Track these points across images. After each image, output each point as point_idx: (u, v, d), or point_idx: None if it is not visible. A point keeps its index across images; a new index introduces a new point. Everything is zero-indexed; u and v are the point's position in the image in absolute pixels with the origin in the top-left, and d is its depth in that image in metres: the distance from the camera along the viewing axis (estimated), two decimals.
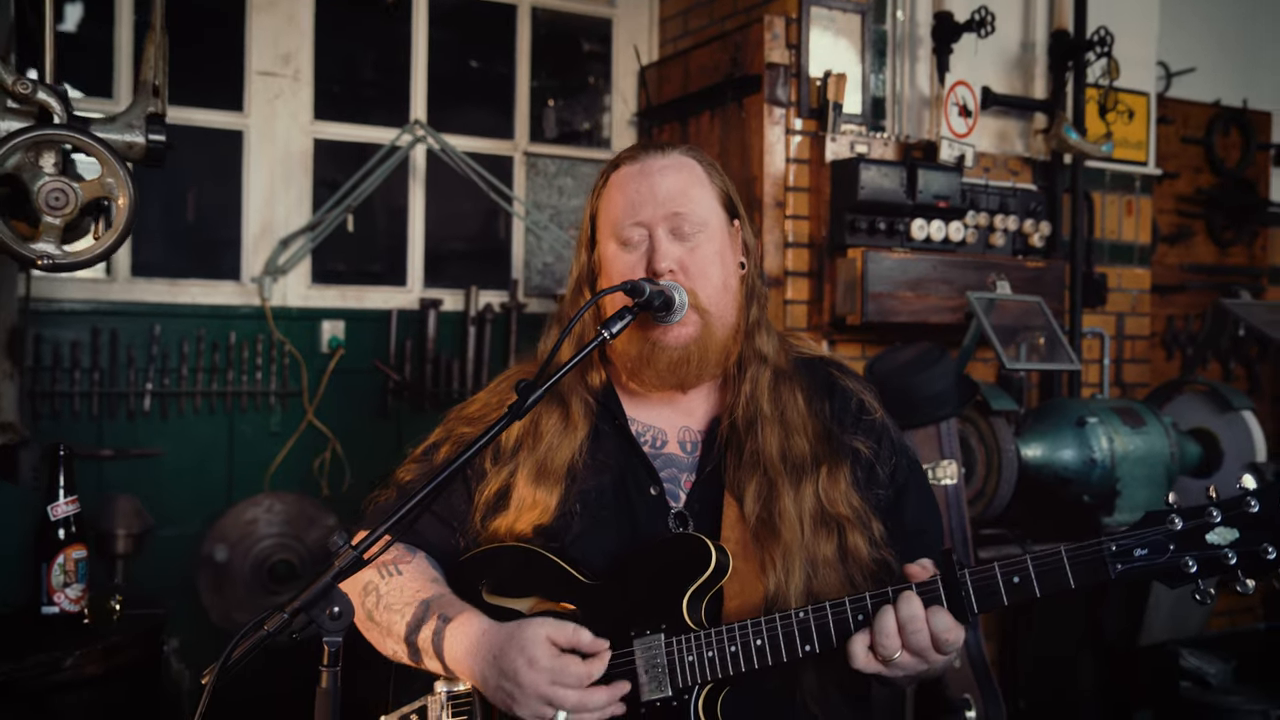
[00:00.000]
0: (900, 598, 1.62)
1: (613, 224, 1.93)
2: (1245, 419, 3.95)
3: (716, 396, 2.03)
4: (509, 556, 1.93)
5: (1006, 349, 3.78)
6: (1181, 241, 5.32)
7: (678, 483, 1.96)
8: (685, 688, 1.72)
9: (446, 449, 2.04)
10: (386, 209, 4.31)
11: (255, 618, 1.64)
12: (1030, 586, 1.58)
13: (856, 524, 1.88)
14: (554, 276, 4.47)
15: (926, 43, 4.03)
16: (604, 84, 4.67)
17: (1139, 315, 4.58)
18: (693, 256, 1.89)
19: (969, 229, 3.95)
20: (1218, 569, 1.50)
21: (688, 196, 1.91)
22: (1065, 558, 1.56)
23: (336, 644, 1.64)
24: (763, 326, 2.00)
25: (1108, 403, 3.71)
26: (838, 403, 2.00)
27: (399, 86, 4.26)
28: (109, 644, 2.15)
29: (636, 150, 1.98)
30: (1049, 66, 4.28)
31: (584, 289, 2.02)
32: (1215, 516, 1.50)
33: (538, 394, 1.72)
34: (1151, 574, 1.53)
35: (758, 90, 3.85)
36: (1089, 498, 3.58)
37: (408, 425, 4.17)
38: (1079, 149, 4.10)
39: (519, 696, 1.68)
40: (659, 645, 1.74)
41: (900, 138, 4.00)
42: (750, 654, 1.70)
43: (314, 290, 4.11)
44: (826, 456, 1.91)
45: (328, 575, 1.64)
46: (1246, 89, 5.45)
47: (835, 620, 1.67)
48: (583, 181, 4.52)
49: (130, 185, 2.04)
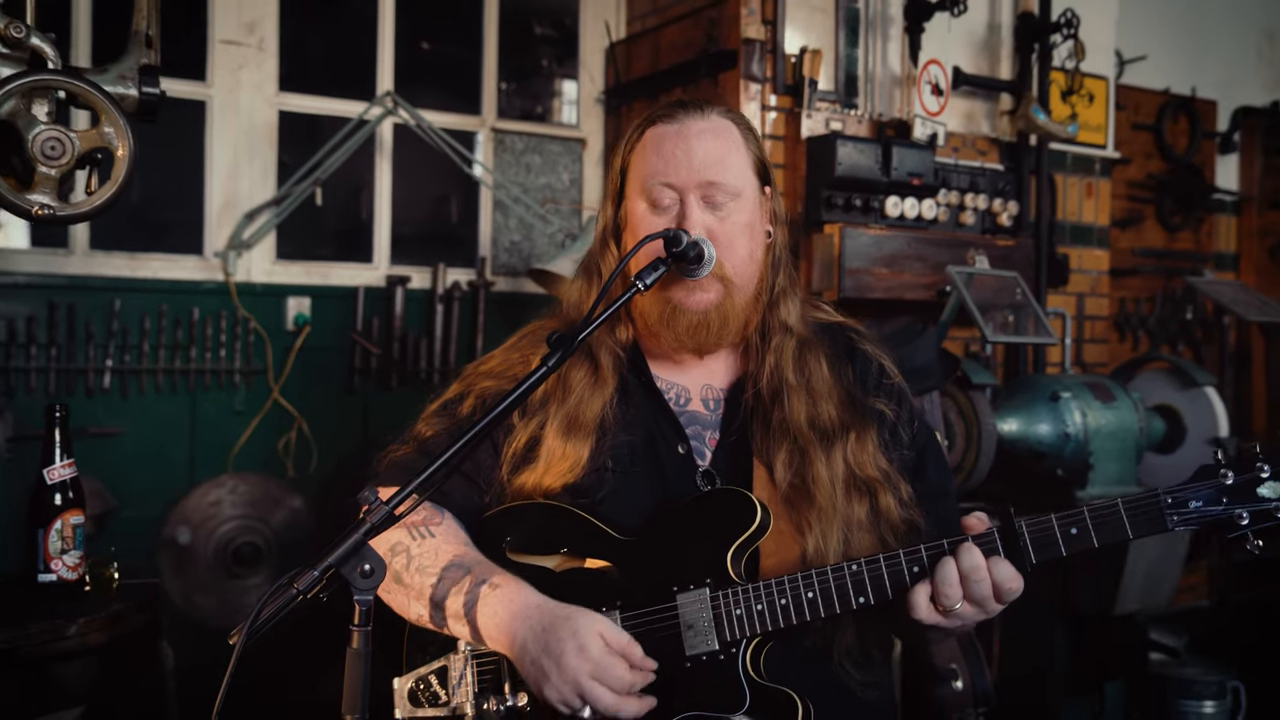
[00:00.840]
0: (961, 549, 1.62)
1: (643, 182, 1.89)
2: (1208, 395, 4.03)
3: (739, 359, 2.02)
4: (535, 513, 1.90)
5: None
6: (1133, 226, 5.42)
7: (703, 440, 1.94)
8: (733, 641, 1.71)
9: (470, 402, 1.99)
10: (352, 185, 4.22)
11: (285, 577, 1.59)
12: (1088, 537, 1.60)
13: (886, 486, 1.88)
14: (521, 254, 4.42)
15: (899, 21, 4.05)
16: (571, 61, 4.62)
17: (1098, 296, 4.65)
18: (723, 226, 1.86)
19: (941, 207, 3.98)
20: (1269, 520, 1.54)
21: (724, 164, 1.88)
22: (1123, 509, 1.58)
23: (368, 603, 1.60)
24: (787, 295, 1.99)
25: (1079, 378, 3.76)
26: (859, 367, 2.00)
27: (365, 60, 4.17)
28: (111, 612, 2.06)
29: (674, 109, 1.94)
30: (1015, 48, 4.32)
31: (609, 241, 2.00)
32: (1265, 471, 1.54)
33: (580, 339, 1.70)
34: (1206, 525, 1.56)
35: (734, 66, 3.84)
36: (1062, 471, 3.62)
37: (374, 404, 4.09)
38: (1046, 130, 4.15)
39: (554, 678, 1.64)
40: (704, 599, 1.72)
41: (873, 115, 4.01)
42: (802, 607, 1.69)
43: (279, 266, 4.00)
44: (853, 421, 1.91)
45: (360, 531, 1.59)
46: (1195, 78, 5.57)
47: (890, 572, 1.67)
48: (550, 159, 4.47)
49: (130, 136, 1.96)
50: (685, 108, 1.94)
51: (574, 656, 1.63)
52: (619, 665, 1.65)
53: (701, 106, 1.94)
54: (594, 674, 1.63)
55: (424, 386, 4.12)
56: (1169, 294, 5.47)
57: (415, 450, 2.02)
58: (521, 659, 1.69)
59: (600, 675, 1.63)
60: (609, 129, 4.56)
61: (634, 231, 1.92)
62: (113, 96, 1.95)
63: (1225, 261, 5.77)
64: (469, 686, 1.84)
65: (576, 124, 4.58)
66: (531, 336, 2.07)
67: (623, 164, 1.98)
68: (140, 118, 2.15)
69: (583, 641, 1.64)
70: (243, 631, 1.55)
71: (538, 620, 1.69)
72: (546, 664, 1.65)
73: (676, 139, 1.88)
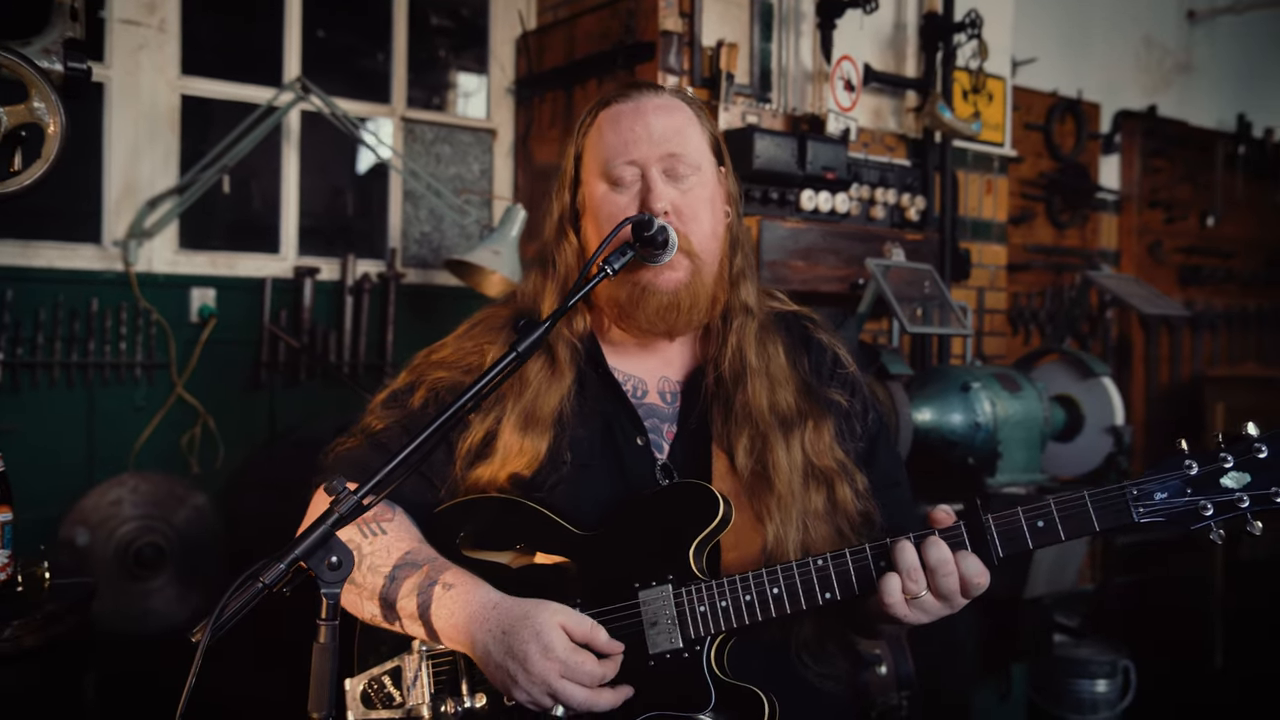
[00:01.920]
0: (927, 542, 1.62)
1: (602, 163, 1.87)
2: (1105, 385, 4.19)
3: (695, 347, 2.00)
4: (490, 507, 1.86)
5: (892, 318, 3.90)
6: (1024, 223, 5.59)
7: (660, 433, 1.93)
8: (697, 638, 1.69)
9: (422, 393, 1.94)
10: (258, 173, 4.08)
11: (249, 570, 1.52)
12: (1055, 530, 1.60)
13: (843, 476, 1.88)
14: (431, 246, 4.34)
15: (810, 17, 4.10)
16: (480, 51, 4.55)
17: (997, 290, 4.79)
18: (686, 199, 1.85)
19: (853, 201, 4.04)
20: (1230, 511, 1.54)
21: (683, 136, 1.87)
22: (1089, 501, 1.58)
23: (335, 596, 1.55)
24: (746, 277, 1.98)
25: (988, 370, 3.86)
26: (814, 356, 2.01)
27: (271, 46, 4.04)
28: (46, 614, 1.95)
29: (628, 89, 1.93)
30: (920, 47, 4.42)
31: (566, 229, 1.96)
32: (1228, 461, 1.54)
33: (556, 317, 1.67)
34: (1171, 516, 1.56)
35: (651, 58, 3.83)
36: (973, 460, 3.71)
37: (281, 398, 3.97)
38: (952, 127, 4.25)
39: (522, 681, 1.60)
40: (667, 596, 1.70)
41: (787, 110, 4.05)
42: (767, 603, 1.68)
43: (182, 256, 3.86)
44: (811, 410, 1.91)
45: (327, 522, 1.54)
46: (1081, 80, 5.77)
47: (856, 567, 1.66)
48: (460, 149, 4.40)
49: (62, 112, 1.86)
50: (638, 88, 1.93)
51: (540, 658, 1.60)
52: (587, 660, 1.62)
53: (654, 86, 1.94)
54: (563, 673, 1.60)
55: (333, 380, 4.02)
56: (1058, 289, 5.66)
57: (365, 443, 1.96)
58: (485, 663, 1.66)
59: (570, 674, 1.60)
60: (520, 119, 4.51)
61: (594, 214, 1.89)
62: (44, 71, 1.85)
63: (1108, 258, 6.00)
64: (424, 687, 1.80)
65: (487, 114, 4.52)
66: (484, 325, 2.02)
67: (577, 150, 1.95)
68: (66, 94, 2.05)
69: (547, 641, 1.60)
70: (206, 629, 1.49)
71: (495, 622, 1.65)
72: (512, 667, 1.61)
73: (634, 116, 1.87)
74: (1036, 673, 4.21)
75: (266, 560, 1.52)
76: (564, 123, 4.24)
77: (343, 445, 1.99)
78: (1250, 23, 6.67)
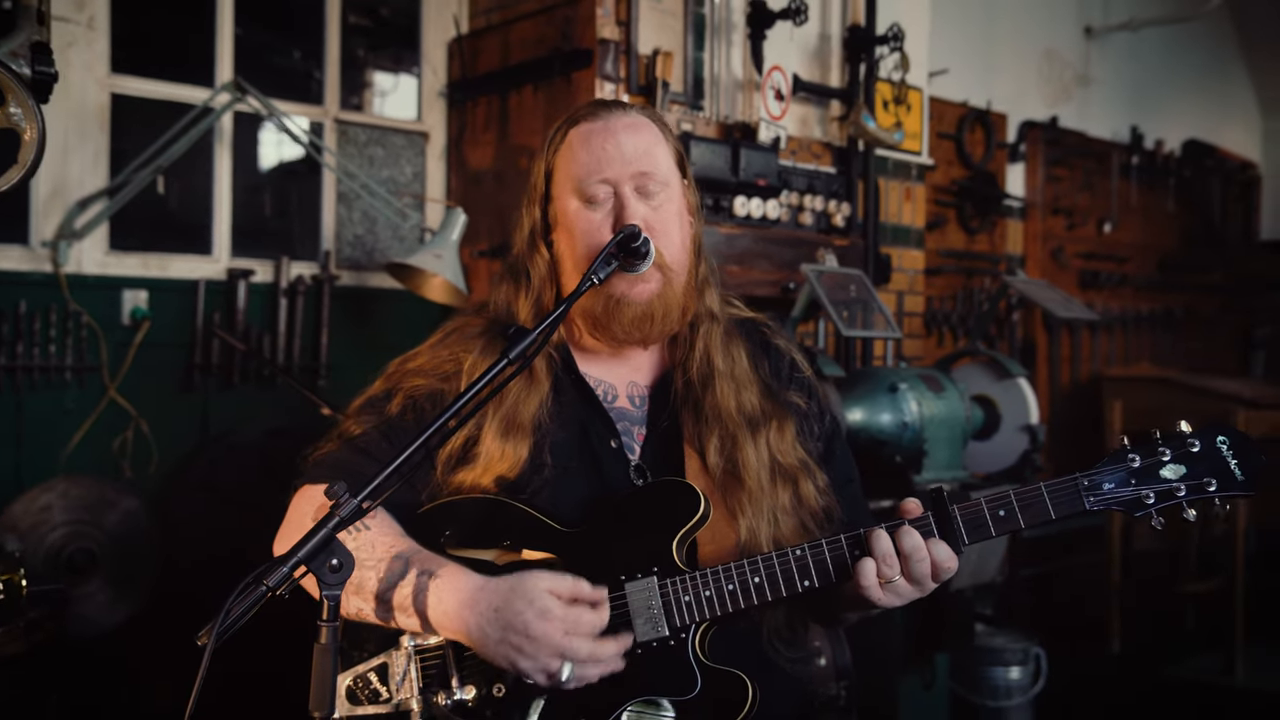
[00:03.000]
0: (900, 531, 1.72)
1: (576, 180, 1.94)
2: (1020, 385, 4.38)
3: (663, 353, 2.09)
4: (472, 508, 1.91)
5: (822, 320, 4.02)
6: (937, 228, 5.79)
7: (631, 435, 2.00)
8: (682, 626, 1.76)
9: (400, 400, 1.98)
10: (190, 174, 4.03)
11: (253, 574, 1.55)
12: (1015, 519, 1.71)
13: (805, 473, 1.98)
14: (365, 248, 4.34)
15: (741, 27, 4.21)
16: (413, 54, 4.56)
17: (915, 294, 4.96)
18: (657, 215, 1.93)
19: (784, 207, 4.16)
20: (1169, 499, 1.67)
21: (652, 155, 1.95)
22: (1045, 492, 1.70)
23: (336, 598, 1.59)
24: (710, 284, 2.08)
25: (914, 371, 4.01)
26: (773, 360, 2.11)
27: (203, 44, 3.99)
28: (29, 620, 1.94)
29: (596, 107, 2.00)
30: (845, 58, 4.56)
31: (538, 242, 2.02)
32: (1166, 455, 1.68)
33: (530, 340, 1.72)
34: (1118, 505, 1.68)
35: (589, 65, 3.89)
36: (900, 458, 3.85)
37: (215, 402, 3.93)
38: (876, 136, 4.40)
39: (529, 649, 1.65)
40: (653, 587, 1.78)
41: (719, 118, 4.15)
42: (749, 591, 1.76)
43: (113, 257, 3.79)
44: (774, 411, 2.01)
45: (329, 525, 1.58)
46: (989, 91, 6.00)
47: (833, 556, 1.76)
48: (393, 151, 4.41)
49: (40, 117, 1.85)
50: (606, 106, 2.00)
51: (540, 623, 1.65)
52: (584, 612, 1.68)
53: (622, 105, 2.01)
54: (566, 631, 1.66)
55: (267, 383, 4.00)
56: (969, 292, 5.87)
57: (344, 448, 1.98)
58: (484, 644, 1.70)
59: (571, 629, 1.66)
60: (452, 122, 4.53)
61: (569, 229, 1.96)
62: (21, 76, 1.84)
63: (1014, 263, 6.24)
64: (413, 682, 1.84)
65: (419, 117, 4.53)
66: (458, 334, 2.07)
67: (547, 167, 2.01)
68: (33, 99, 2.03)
69: (543, 606, 1.66)
70: (212, 631, 1.52)
71: (486, 603, 1.70)
72: (516, 640, 1.66)
73: (605, 135, 1.94)
74: (955, 662, 4.38)
75: (269, 564, 1.56)
76: (499, 126, 4.28)
77: (320, 450, 2.02)
78: (1143, 39, 6.99)
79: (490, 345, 2.01)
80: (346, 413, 2.07)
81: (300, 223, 4.35)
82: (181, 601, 3.70)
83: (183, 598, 3.71)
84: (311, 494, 1.94)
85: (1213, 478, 1.66)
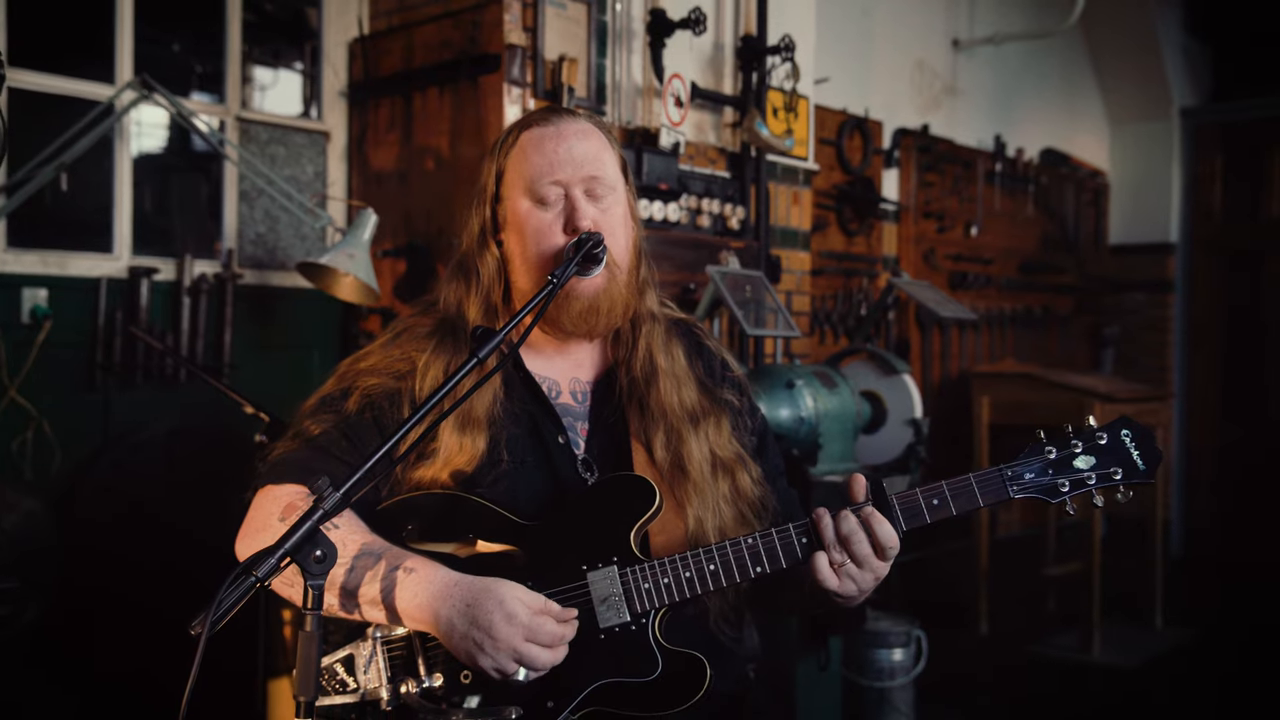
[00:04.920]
0: (840, 514, 1.87)
1: (527, 181, 2.03)
2: (905, 381, 4.62)
3: (604, 350, 2.20)
4: (433, 503, 1.99)
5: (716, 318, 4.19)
6: (819, 231, 6.02)
7: (575, 430, 2.11)
8: (643, 612, 1.87)
9: (356, 399, 2.04)
10: (89, 170, 3.96)
11: (242, 564, 1.61)
12: (947, 506, 1.87)
13: (742, 466, 2.13)
14: (267, 247, 4.33)
15: (641, 35, 4.34)
16: (314, 54, 4.56)
17: (802, 293, 5.17)
18: (605, 217, 2.04)
19: (683, 210, 4.31)
20: (1082, 488, 1.86)
21: (600, 160, 2.06)
22: (974, 483, 1.87)
23: (320, 587, 1.66)
24: (651, 285, 2.20)
25: (808, 368, 4.20)
26: (706, 360, 2.24)
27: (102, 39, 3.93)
28: None
29: (547, 114, 2.10)
30: (738, 67, 4.74)
31: (488, 240, 2.11)
32: (1078, 447, 1.87)
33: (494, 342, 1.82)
34: (1038, 492, 1.86)
35: (497, 69, 3.98)
36: (797, 451, 4.04)
37: (117, 401, 3.89)
38: (768, 143, 4.59)
39: (488, 648, 1.75)
40: (614, 575, 1.89)
41: (622, 123, 4.28)
42: (705, 578, 1.88)
43: (10, 255, 3.71)
44: (711, 407, 2.15)
45: (313, 518, 1.65)
46: (867, 100, 6.26)
47: (782, 543, 1.89)
48: (294, 150, 4.41)
49: (4, 117, 1.87)
50: (557, 113, 2.10)
51: (504, 625, 1.75)
52: (548, 622, 1.78)
53: (571, 112, 2.11)
54: (526, 637, 1.75)
55: (168, 383, 3.97)
56: (848, 292, 6.13)
57: (303, 446, 2.02)
58: (450, 636, 1.79)
59: (533, 636, 1.76)
60: (354, 122, 4.55)
61: (519, 229, 2.05)
62: None
63: (889, 264, 6.53)
64: (381, 671, 1.91)
65: (319, 117, 4.53)
66: (409, 334, 2.13)
67: (498, 168, 2.10)
68: None
69: (510, 609, 1.76)
70: (206, 621, 1.58)
71: (459, 598, 1.79)
72: (478, 636, 1.75)
73: (556, 139, 2.04)
74: (848, 644, 4.60)
75: (257, 554, 1.62)
76: (403, 127, 4.32)
77: (278, 450, 2.06)
78: (1005, 52, 7.39)
79: (442, 344, 2.09)
80: (297, 414, 2.11)
81: (202, 221, 4.31)
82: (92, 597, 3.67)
83: (94, 592, 3.68)
84: (275, 494, 1.99)
85: (1118, 467, 1.86)
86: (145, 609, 3.48)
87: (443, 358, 2.08)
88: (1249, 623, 6.52)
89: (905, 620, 4.98)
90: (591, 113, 2.15)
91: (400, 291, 4.22)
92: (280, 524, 1.92)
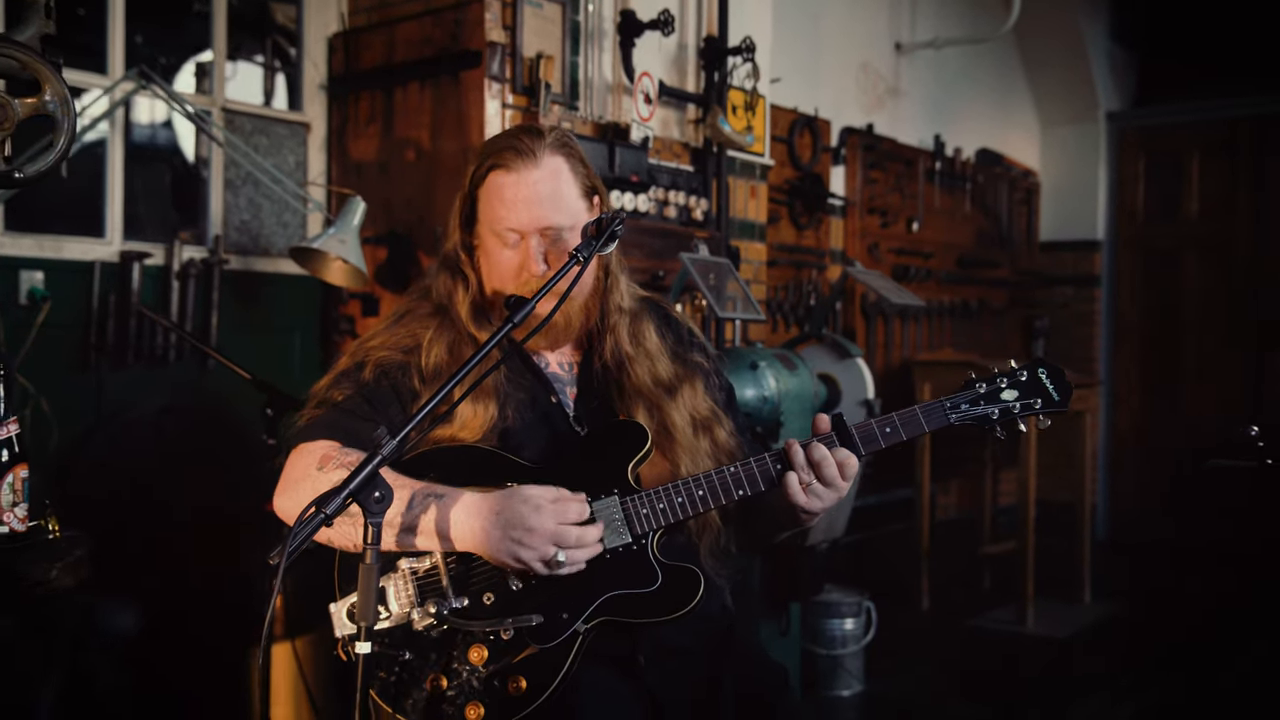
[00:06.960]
0: (810, 445, 2.16)
1: (490, 223, 2.30)
2: (859, 364, 4.91)
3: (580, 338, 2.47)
4: (449, 454, 2.27)
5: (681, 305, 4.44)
6: (772, 224, 6.29)
7: (565, 395, 2.41)
8: (643, 534, 2.17)
9: (371, 370, 2.31)
10: (82, 157, 4.10)
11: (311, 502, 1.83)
12: (898, 433, 2.18)
13: (717, 421, 2.44)
14: (250, 233, 4.49)
15: (612, 35, 4.57)
16: (276, 47, 4.73)
17: (759, 283, 5.44)
18: (556, 249, 2.29)
19: (652, 202, 4.55)
20: (1008, 415, 2.20)
21: (557, 206, 2.29)
22: (919, 412, 2.19)
23: (379, 524, 1.89)
24: (619, 280, 2.45)
25: (770, 351, 4.46)
26: (674, 330, 2.55)
27: (97, 30, 4.07)
28: (75, 559, 2.11)
29: (509, 158, 2.27)
30: (701, 66, 4.99)
31: (471, 250, 2.39)
32: (1003, 382, 2.21)
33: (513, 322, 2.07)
34: (974, 420, 2.20)
35: (478, 65, 4.18)
36: (760, 429, 4.30)
37: (110, 382, 4.03)
38: (730, 139, 4.84)
39: (527, 540, 2.02)
40: (615, 503, 2.18)
41: (594, 118, 4.51)
42: (695, 501, 2.18)
43: (8, 238, 3.84)
44: (685, 374, 2.46)
45: (373, 462, 1.88)
46: (816, 99, 6.55)
47: (760, 469, 2.19)
48: (276, 141, 4.57)
49: (72, 105, 2.05)
50: (520, 155, 2.26)
51: (535, 516, 2.03)
52: (569, 503, 2.08)
53: (534, 151, 2.27)
54: (558, 520, 2.05)
55: (158, 363, 4.12)
56: (799, 283, 6.42)
57: (331, 411, 2.30)
58: (487, 543, 2.05)
59: (562, 519, 2.05)
60: (334, 115, 4.72)
61: (487, 256, 2.34)
62: (57, 66, 2.03)
63: (837, 257, 6.83)
64: (412, 598, 2.16)
65: (300, 108, 4.70)
66: (411, 316, 2.41)
67: (472, 193, 2.34)
68: None
69: (536, 503, 2.05)
70: (283, 553, 1.80)
71: (489, 509, 2.06)
72: (516, 534, 2.03)
73: (516, 188, 2.26)
74: (805, 612, 4.87)
75: (323, 495, 1.85)
76: (384, 120, 4.51)
77: (305, 417, 2.34)
78: (945, 56, 7.73)
79: (442, 325, 2.37)
80: (312, 391, 2.38)
81: (190, 208, 4.47)
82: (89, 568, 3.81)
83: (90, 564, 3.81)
84: (309, 449, 2.24)
85: (1038, 398, 2.20)
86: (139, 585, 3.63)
87: (444, 336, 2.37)
88: (1166, 596, 6.95)
89: (856, 592, 5.28)
90: (560, 135, 2.35)
91: (382, 277, 4.41)
92: (319, 473, 2.17)
